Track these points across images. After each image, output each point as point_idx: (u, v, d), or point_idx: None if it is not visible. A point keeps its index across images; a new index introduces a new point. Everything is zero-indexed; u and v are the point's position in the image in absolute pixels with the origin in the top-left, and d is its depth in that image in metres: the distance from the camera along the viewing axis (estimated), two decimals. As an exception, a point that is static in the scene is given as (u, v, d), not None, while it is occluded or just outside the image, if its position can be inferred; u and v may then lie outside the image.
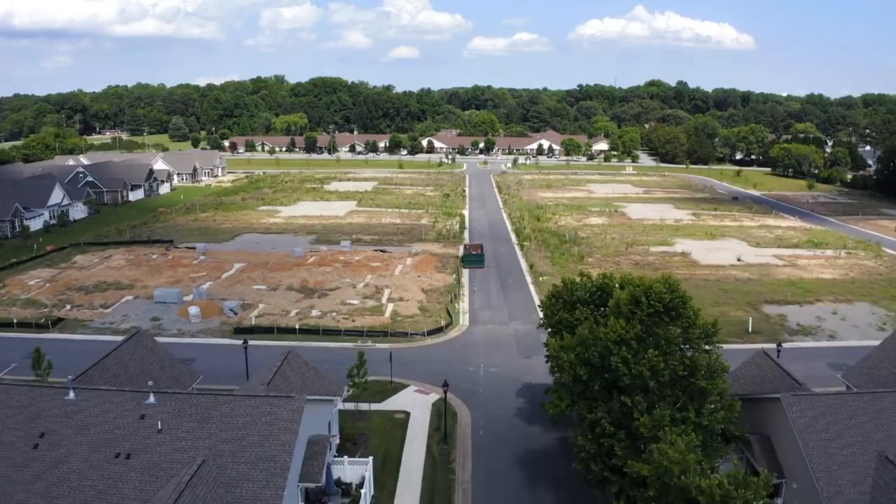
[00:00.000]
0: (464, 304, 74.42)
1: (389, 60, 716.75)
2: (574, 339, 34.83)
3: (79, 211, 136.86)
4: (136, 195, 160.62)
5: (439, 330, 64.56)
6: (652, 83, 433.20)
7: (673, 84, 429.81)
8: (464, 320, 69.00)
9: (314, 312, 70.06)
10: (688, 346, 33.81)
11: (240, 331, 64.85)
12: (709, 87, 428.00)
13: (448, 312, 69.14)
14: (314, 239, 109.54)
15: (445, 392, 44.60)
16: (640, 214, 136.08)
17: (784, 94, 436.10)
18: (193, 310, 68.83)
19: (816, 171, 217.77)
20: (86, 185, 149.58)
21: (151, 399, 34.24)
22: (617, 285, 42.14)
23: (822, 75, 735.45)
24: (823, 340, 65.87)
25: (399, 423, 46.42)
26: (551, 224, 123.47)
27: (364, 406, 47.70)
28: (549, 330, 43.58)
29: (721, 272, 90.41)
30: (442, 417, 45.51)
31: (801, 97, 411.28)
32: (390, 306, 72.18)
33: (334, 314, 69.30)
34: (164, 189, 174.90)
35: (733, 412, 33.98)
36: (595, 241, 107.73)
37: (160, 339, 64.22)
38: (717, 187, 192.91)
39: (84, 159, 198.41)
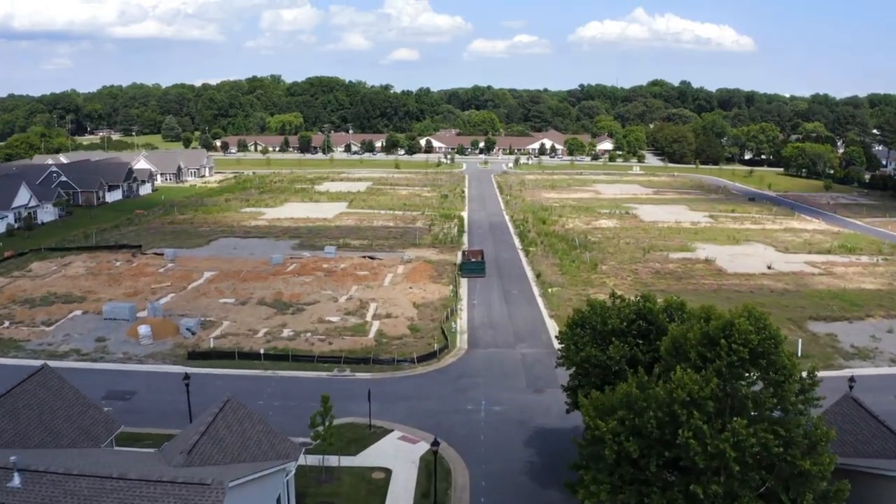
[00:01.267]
0: (461, 322, 63.93)
1: (389, 63, 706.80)
2: (615, 396, 24.51)
3: (48, 213, 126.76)
4: (114, 196, 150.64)
5: (432, 355, 54.08)
6: (655, 83, 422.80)
7: (676, 84, 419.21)
8: (461, 342, 58.55)
9: (285, 332, 59.71)
10: (779, 406, 23.62)
11: (195, 356, 54.71)
12: (712, 88, 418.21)
13: (443, 332, 58.69)
14: (297, 244, 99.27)
15: (436, 454, 34.20)
16: (654, 216, 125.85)
17: (787, 95, 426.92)
18: (143, 329, 58.62)
19: (832, 171, 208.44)
20: (59, 185, 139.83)
21: (16, 481, 24.09)
22: (661, 313, 31.90)
23: (824, 76, 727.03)
24: (885, 366, 55.74)
25: (377, 485, 36.13)
26: (558, 227, 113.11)
27: (332, 460, 37.41)
28: (572, 370, 33.26)
29: (752, 282, 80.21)
30: (432, 479, 35.17)
31: (806, 97, 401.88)
32: (376, 325, 61.80)
33: (309, 335, 58.89)
34: (146, 190, 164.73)
35: (841, 500, 23.79)
36: (608, 247, 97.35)
37: (102, 365, 54.60)
38: (731, 188, 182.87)
39: (64, 158, 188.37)
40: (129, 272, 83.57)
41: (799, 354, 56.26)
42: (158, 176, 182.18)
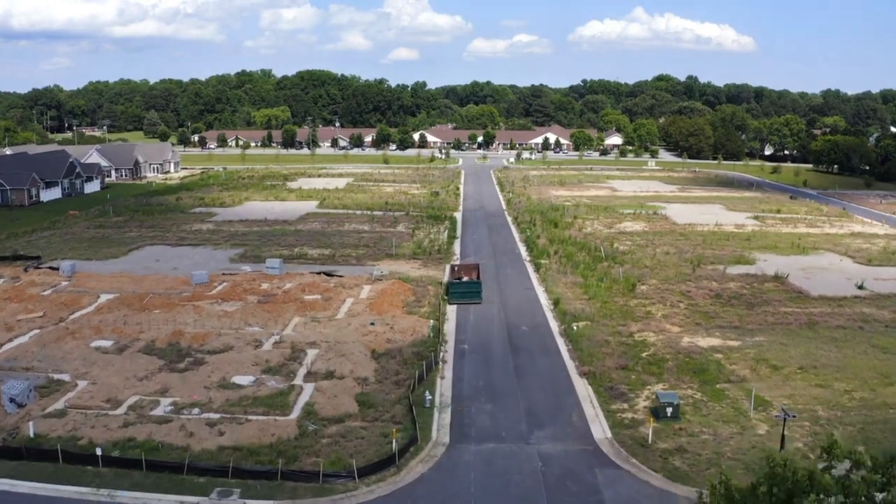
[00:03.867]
0: (443, 385, 41.42)
1: (389, 62, 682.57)
2: None
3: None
4: (51, 194, 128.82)
5: (388, 462, 31.69)
6: (660, 77, 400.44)
7: (682, 79, 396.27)
8: (439, 429, 35.66)
9: (161, 406, 37.42)
10: None
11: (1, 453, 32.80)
12: (719, 83, 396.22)
13: (411, 410, 36.37)
14: (239, 254, 77.04)
15: None
16: (687, 218, 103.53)
17: (796, 92, 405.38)
18: (-65, 402, 36.72)
19: (867, 167, 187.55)
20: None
21: None
22: None
23: (828, 73, 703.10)
24: None
25: None
26: (574, 231, 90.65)
27: None
28: None
29: (848, 309, 58.04)
30: None
31: (816, 94, 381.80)
32: (306, 392, 39.32)
33: (196, 411, 36.66)
34: (93, 187, 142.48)
35: None
36: (643, 258, 74.73)
37: None
38: (763, 184, 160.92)
39: (9, 151, 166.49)
40: (4, 295, 61.67)
41: None
42: (112, 171, 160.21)
